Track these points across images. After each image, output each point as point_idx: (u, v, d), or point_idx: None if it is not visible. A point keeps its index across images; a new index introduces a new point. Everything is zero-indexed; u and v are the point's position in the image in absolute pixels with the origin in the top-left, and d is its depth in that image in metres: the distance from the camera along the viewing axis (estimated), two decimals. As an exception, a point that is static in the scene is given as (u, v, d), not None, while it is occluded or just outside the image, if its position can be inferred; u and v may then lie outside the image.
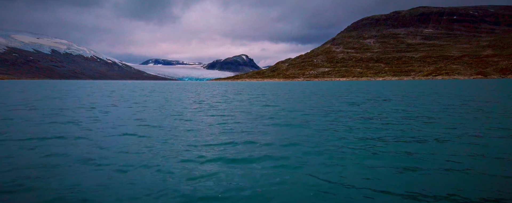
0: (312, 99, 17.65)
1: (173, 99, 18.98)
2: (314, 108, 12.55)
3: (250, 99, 18.19)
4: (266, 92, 29.26)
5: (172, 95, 24.30)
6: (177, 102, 16.38)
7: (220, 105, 14.66)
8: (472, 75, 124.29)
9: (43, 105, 14.21)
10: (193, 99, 18.59)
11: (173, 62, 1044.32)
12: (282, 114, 10.33)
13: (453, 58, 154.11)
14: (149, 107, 13.16)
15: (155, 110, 12.11)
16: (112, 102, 16.02)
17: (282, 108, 12.52)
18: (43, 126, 7.80)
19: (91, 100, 17.46)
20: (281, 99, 18.38)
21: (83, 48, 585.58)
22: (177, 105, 14.36)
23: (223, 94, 25.17)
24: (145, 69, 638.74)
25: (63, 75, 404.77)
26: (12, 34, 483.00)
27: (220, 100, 17.57)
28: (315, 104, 14.64)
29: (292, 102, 15.87)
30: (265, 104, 14.93)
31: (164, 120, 8.91)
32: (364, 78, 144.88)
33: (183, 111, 11.59)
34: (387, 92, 25.87)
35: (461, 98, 16.90)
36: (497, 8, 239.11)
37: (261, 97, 20.72)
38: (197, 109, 12.60)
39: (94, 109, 12.32)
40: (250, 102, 16.45)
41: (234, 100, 17.89)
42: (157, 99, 18.77)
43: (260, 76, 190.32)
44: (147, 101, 16.91)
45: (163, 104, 15.29)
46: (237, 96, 21.75)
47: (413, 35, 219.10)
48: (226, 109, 12.52)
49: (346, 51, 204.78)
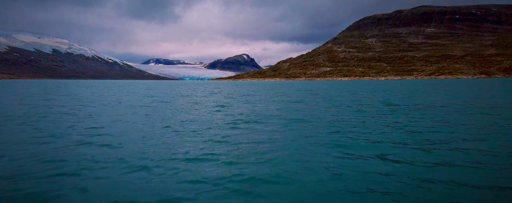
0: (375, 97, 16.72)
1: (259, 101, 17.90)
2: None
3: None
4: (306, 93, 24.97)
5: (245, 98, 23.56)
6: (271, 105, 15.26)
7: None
8: (476, 74, 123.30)
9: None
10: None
11: (174, 62, 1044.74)
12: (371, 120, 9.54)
13: (455, 57, 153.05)
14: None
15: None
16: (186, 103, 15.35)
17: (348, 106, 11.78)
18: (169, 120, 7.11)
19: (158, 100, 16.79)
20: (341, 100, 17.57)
21: (84, 48, 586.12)
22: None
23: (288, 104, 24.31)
24: (146, 69, 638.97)
25: (64, 75, 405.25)
26: (14, 34, 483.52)
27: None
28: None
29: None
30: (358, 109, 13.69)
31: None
32: (366, 78, 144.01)
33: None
34: (418, 92, 25.04)
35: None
36: (499, 7, 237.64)
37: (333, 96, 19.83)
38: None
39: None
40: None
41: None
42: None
43: (261, 76, 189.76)
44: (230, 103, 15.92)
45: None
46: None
47: (415, 34, 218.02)
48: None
49: (348, 50, 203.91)
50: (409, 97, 17.94)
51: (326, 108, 12.11)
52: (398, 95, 19.67)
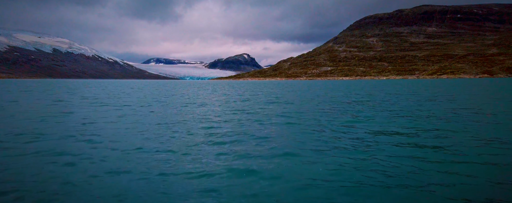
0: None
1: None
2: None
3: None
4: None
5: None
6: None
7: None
8: (478, 74, 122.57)
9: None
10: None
11: (175, 62, 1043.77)
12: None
13: (457, 57, 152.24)
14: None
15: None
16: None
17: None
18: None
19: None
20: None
21: (85, 48, 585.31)
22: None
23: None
24: (147, 68, 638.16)
25: (65, 75, 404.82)
26: (14, 33, 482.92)
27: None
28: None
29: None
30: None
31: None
32: (367, 77, 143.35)
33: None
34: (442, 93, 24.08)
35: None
36: (501, 7, 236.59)
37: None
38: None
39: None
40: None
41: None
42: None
43: (262, 75, 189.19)
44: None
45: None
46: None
47: (416, 33, 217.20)
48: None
49: (349, 50, 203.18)
50: (452, 99, 15.03)
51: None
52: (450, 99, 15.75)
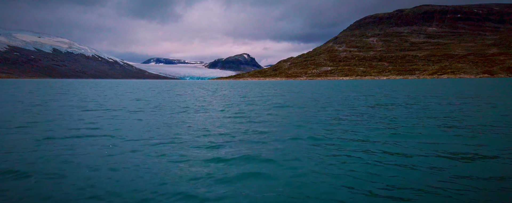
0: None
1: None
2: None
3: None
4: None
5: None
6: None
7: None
8: (479, 74, 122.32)
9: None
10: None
11: (175, 61, 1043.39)
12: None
13: (457, 57, 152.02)
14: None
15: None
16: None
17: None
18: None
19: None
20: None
21: (85, 47, 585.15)
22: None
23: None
24: (147, 68, 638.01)
25: (64, 74, 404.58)
26: (14, 33, 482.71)
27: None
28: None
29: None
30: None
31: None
32: (367, 77, 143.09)
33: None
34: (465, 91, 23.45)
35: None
36: (501, 7, 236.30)
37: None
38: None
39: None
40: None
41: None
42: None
43: (262, 75, 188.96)
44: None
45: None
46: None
47: (416, 33, 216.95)
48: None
49: (349, 50, 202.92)
50: (465, 101, 13.74)
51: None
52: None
